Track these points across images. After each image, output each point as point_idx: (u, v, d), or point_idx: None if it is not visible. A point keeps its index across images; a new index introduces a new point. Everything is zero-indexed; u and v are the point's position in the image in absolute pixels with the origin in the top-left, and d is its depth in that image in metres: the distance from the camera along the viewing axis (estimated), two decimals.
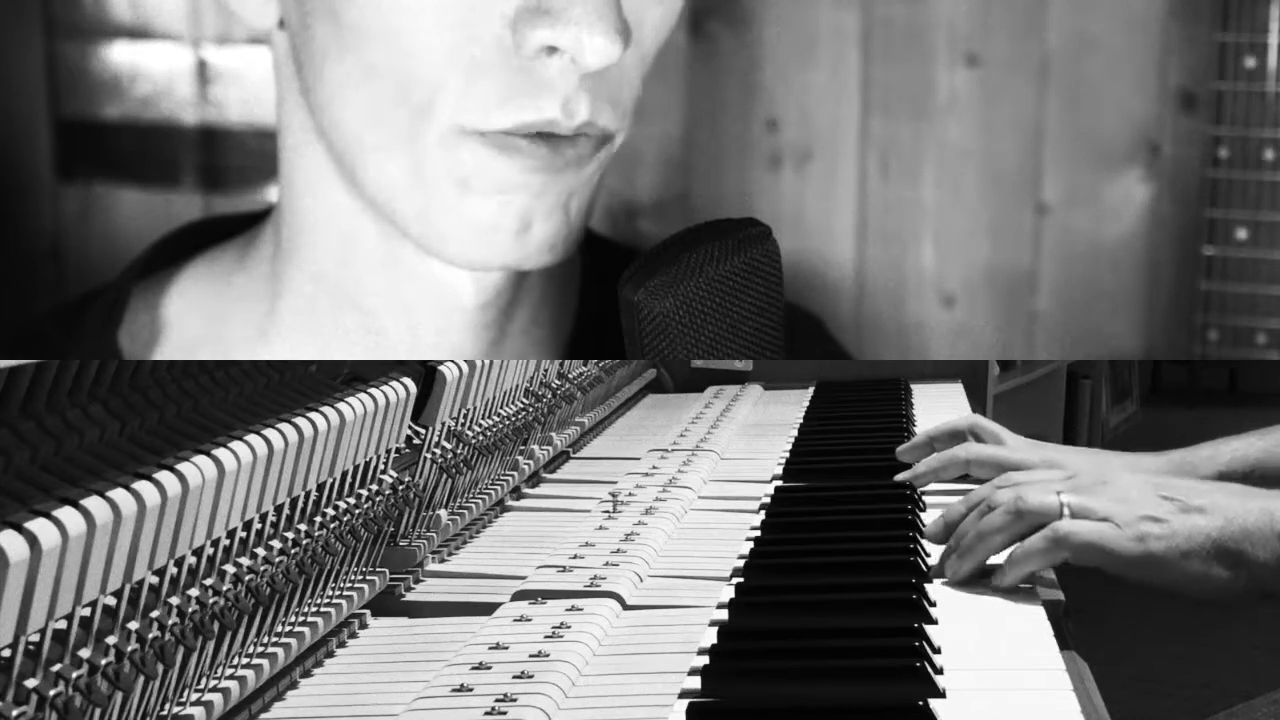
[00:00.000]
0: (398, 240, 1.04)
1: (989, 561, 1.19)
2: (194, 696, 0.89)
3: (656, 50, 1.04)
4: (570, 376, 1.70)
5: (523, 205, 0.99)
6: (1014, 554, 1.16)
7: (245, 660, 0.96)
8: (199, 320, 1.12)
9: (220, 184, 1.79)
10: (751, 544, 1.31)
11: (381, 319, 1.08)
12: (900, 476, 1.52)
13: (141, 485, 0.80)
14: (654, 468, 1.65)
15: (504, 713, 0.93)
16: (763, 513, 1.44)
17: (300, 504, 1.01)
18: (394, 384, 1.15)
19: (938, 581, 1.19)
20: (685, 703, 0.93)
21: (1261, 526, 1.15)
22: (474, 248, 1.01)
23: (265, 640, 0.99)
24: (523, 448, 1.57)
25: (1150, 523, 1.15)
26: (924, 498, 1.46)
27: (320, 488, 1.04)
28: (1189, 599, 1.16)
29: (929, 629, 1.03)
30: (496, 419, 1.44)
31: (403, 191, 1.00)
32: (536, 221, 1.00)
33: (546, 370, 1.65)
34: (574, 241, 1.03)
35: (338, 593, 1.10)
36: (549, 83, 0.96)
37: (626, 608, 1.16)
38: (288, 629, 1.02)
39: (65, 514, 0.73)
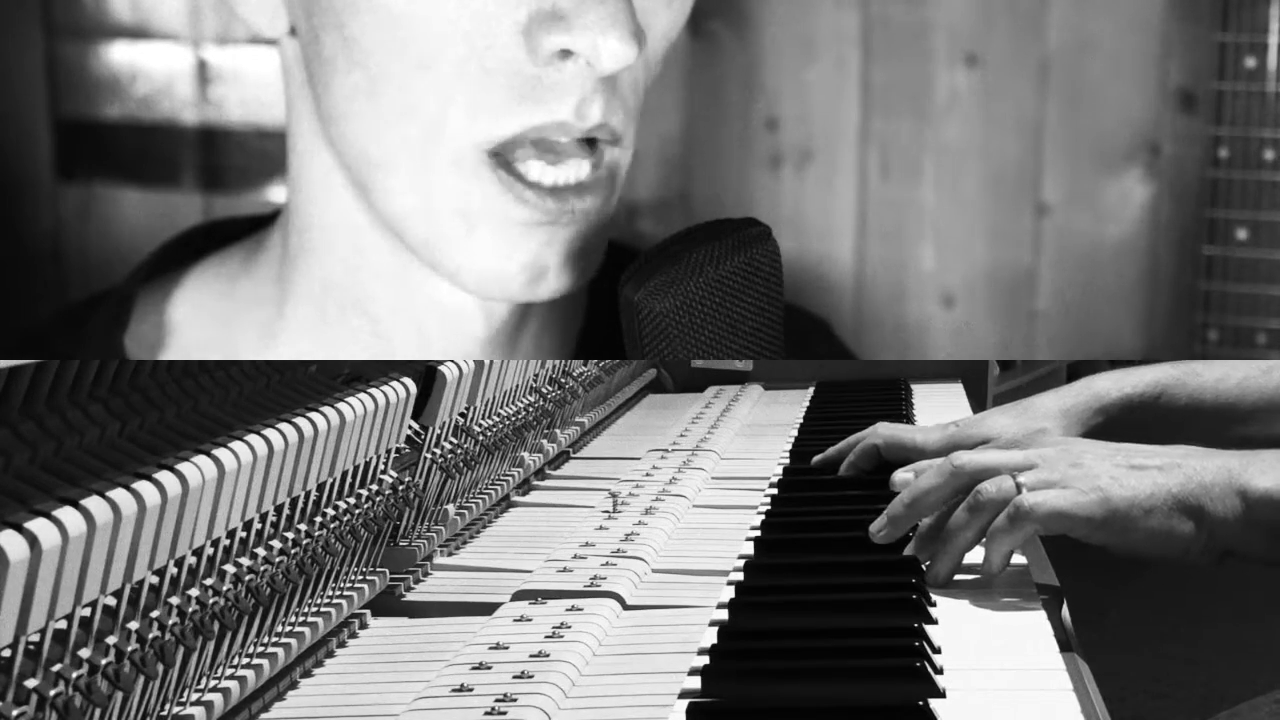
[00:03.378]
0: (407, 250, 1.04)
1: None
2: (194, 696, 0.89)
3: (662, 57, 1.04)
4: (574, 375, 1.70)
5: (533, 255, 0.99)
6: (986, 540, 1.17)
7: (245, 660, 0.96)
8: (205, 324, 1.12)
9: (220, 184, 1.79)
10: (751, 544, 1.31)
11: (389, 325, 1.07)
12: (814, 460, 1.53)
13: (141, 485, 0.79)
14: (654, 468, 1.64)
15: (504, 713, 0.92)
16: (763, 513, 1.44)
17: (300, 504, 1.01)
18: (394, 384, 1.15)
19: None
20: (685, 703, 0.93)
21: (1220, 482, 1.15)
22: (485, 287, 1.01)
23: (265, 640, 0.99)
24: (523, 448, 1.57)
25: (1110, 482, 1.16)
26: None
27: (320, 488, 1.04)
28: (1152, 559, 1.16)
29: (929, 629, 1.03)
30: (497, 418, 1.44)
31: (411, 217, 1.00)
32: (552, 268, 1.00)
33: (555, 367, 1.65)
34: (595, 266, 1.03)
35: (338, 593, 1.10)
36: (562, 86, 0.96)
37: (626, 608, 1.16)
38: (288, 629, 1.02)
39: (65, 514, 0.73)
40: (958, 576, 1.19)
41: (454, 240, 0.99)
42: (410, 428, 1.23)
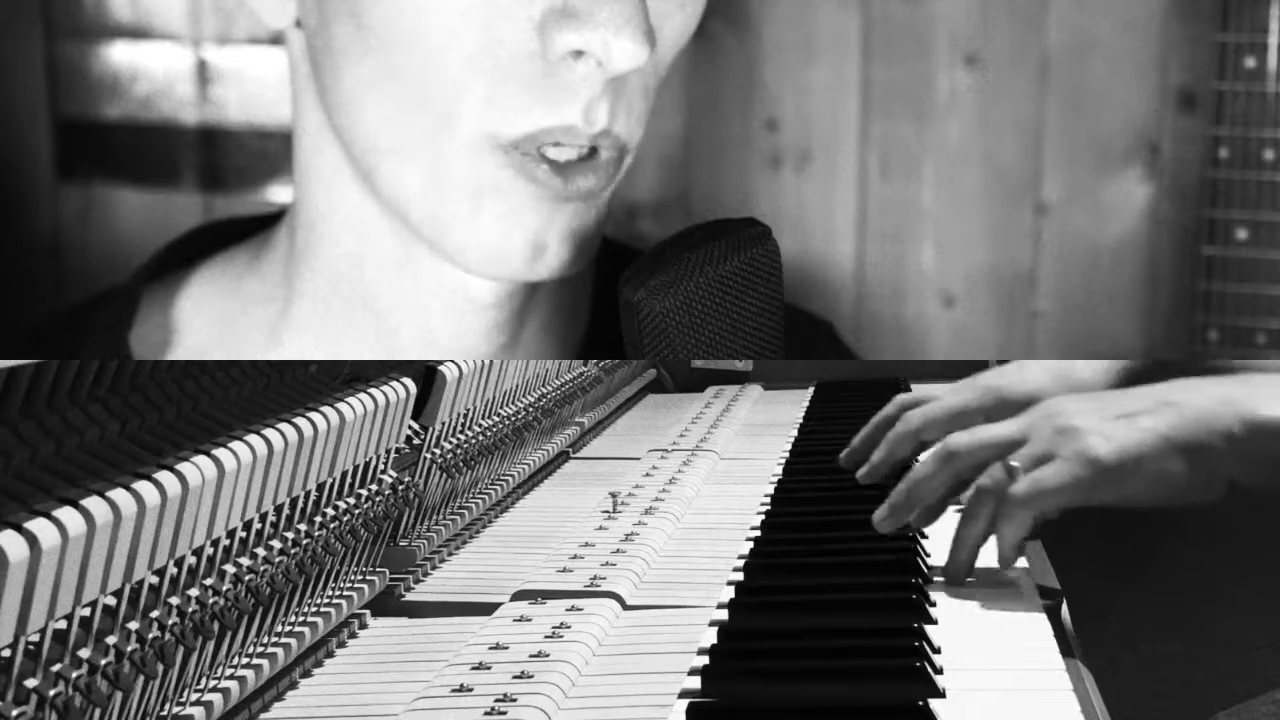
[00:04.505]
0: (413, 242, 1.04)
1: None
2: (194, 696, 0.89)
3: (672, 60, 1.04)
4: (563, 381, 1.70)
5: (534, 231, 0.99)
6: (996, 533, 1.17)
7: (245, 660, 0.96)
8: (211, 322, 1.12)
9: (220, 184, 1.80)
10: (751, 544, 1.31)
11: (395, 320, 1.07)
12: (860, 475, 1.48)
13: (141, 485, 0.80)
14: (654, 468, 1.65)
15: (504, 713, 0.93)
16: (763, 513, 1.44)
17: (300, 504, 1.01)
18: (394, 384, 1.15)
19: (938, 580, 1.20)
20: (685, 703, 0.93)
21: (1217, 413, 1.13)
22: (487, 263, 1.01)
23: (265, 640, 0.99)
24: (523, 449, 1.57)
25: (1098, 440, 1.14)
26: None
27: (320, 488, 1.04)
28: (1154, 504, 1.14)
29: (929, 629, 1.03)
30: (497, 418, 1.44)
31: (417, 197, 1.00)
32: (551, 244, 1.00)
33: (555, 367, 1.65)
34: (590, 254, 1.03)
35: (338, 593, 1.10)
36: (573, 86, 0.96)
37: (626, 608, 1.16)
38: (288, 629, 1.02)
39: (65, 514, 0.73)
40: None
41: (459, 217, 0.99)
42: (410, 428, 1.23)
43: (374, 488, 1.13)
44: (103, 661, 0.77)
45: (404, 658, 1.08)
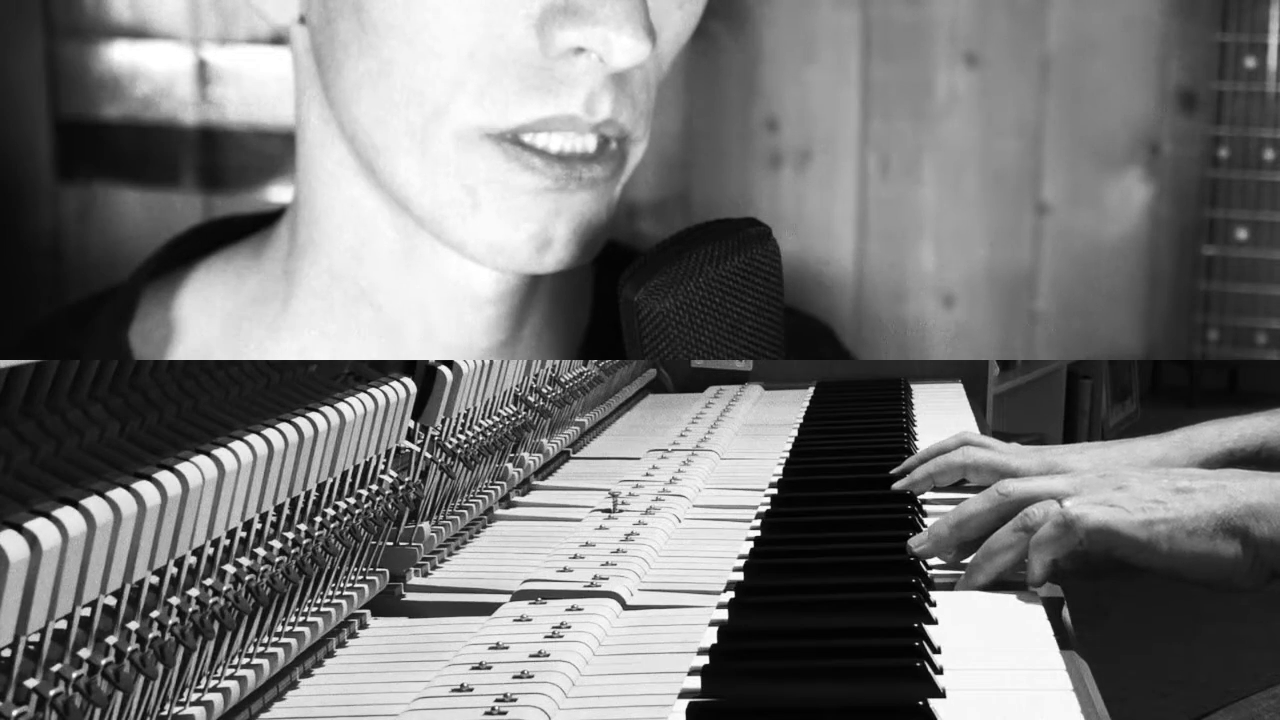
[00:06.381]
0: (415, 236, 1.05)
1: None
2: (194, 696, 0.89)
3: (673, 58, 1.04)
4: (563, 381, 1.70)
5: (540, 223, 0.99)
6: (1030, 549, 1.17)
7: (245, 660, 0.96)
8: (212, 319, 1.12)
9: (220, 184, 1.79)
10: (751, 544, 1.31)
11: (396, 316, 1.08)
12: (897, 485, 1.50)
13: (141, 485, 0.80)
14: (654, 468, 1.64)
15: (504, 713, 0.93)
16: (763, 513, 1.44)
17: (300, 504, 1.01)
18: (394, 384, 1.15)
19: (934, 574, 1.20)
20: (685, 703, 0.93)
21: (1266, 503, 1.15)
22: (493, 255, 1.01)
23: (265, 640, 0.99)
24: (523, 449, 1.56)
25: (1155, 505, 1.16)
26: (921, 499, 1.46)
27: (320, 488, 1.04)
28: (1197, 582, 1.16)
29: (929, 629, 1.03)
30: (497, 418, 1.44)
31: (416, 192, 1.00)
32: (558, 237, 1.00)
33: (555, 367, 1.65)
34: (598, 248, 1.03)
35: (338, 593, 1.10)
36: (573, 80, 0.96)
37: (626, 608, 1.16)
38: (288, 629, 1.02)
39: (65, 514, 0.73)
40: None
41: (460, 214, 0.99)
42: (410, 428, 1.23)
43: (374, 488, 1.13)
44: (103, 661, 0.77)
45: (404, 658, 1.08)
